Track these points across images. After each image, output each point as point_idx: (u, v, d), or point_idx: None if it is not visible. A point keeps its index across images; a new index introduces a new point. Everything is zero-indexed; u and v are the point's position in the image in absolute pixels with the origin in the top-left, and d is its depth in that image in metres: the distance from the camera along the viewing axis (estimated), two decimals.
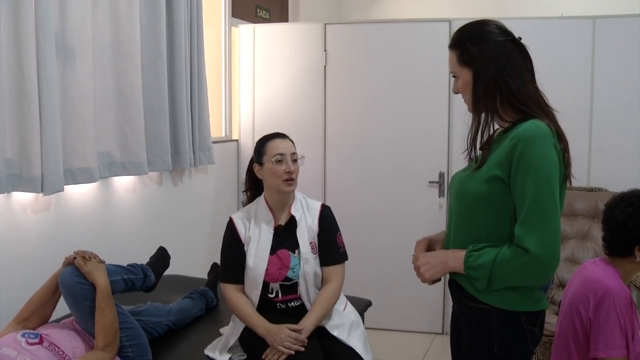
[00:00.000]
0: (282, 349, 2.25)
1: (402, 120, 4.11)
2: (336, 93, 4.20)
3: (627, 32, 3.87)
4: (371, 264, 4.18)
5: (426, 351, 3.82)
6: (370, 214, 4.20)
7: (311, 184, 4.20)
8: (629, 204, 2.16)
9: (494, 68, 1.67)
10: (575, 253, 3.54)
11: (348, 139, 4.21)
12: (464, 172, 1.79)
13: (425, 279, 1.76)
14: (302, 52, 4.22)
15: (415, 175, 4.11)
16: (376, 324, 4.03)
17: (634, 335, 2.11)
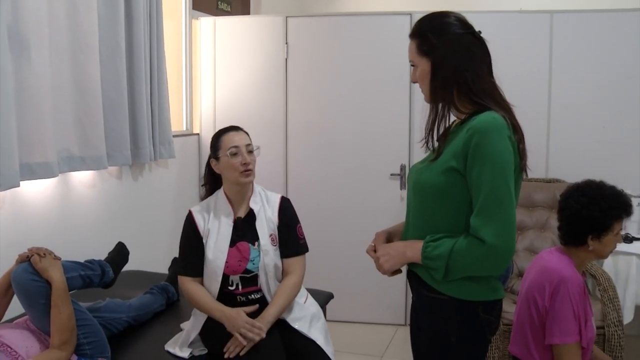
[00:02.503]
0: (238, 337, 2.24)
1: (363, 113, 4.13)
2: (297, 86, 4.19)
3: (584, 26, 3.95)
4: (333, 256, 4.19)
5: (389, 343, 3.85)
6: (333, 206, 4.21)
7: (273, 177, 4.20)
8: (582, 195, 2.20)
9: (453, 59, 1.68)
10: (534, 243, 3.61)
11: (310, 131, 4.21)
12: (421, 164, 1.81)
13: (385, 270, 1.77)
14: (264, 45, 4.20)
15: (376, 167, 4.13)
16: (338, 316, 4.05)
17: (586, 322, 2.17)
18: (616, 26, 3.93)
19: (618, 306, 3.03)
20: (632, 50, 3.91)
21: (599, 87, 3.96)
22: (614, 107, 3.96)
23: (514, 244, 1.60)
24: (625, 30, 3.91)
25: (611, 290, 3.08)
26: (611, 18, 3.93)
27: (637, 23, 3.90)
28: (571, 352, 2.11)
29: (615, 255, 3.42)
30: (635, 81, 3.92)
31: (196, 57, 4.28)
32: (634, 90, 3.93)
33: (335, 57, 4.14)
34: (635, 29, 3.90)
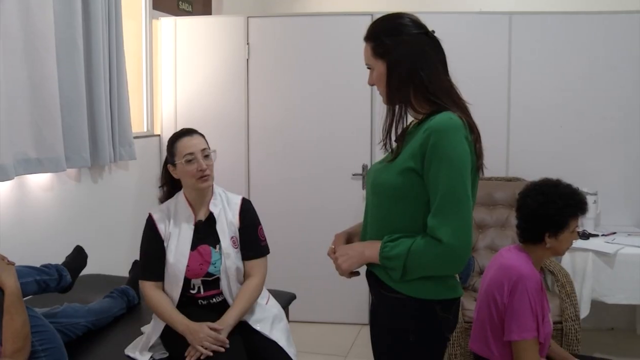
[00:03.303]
0: (200, 349, 2.22)
1: (325, 114, 4.14)
2: (259, 87, 4.18)
3: (541, 27, 4.02)
4: (296, 257, 4.19)
5: (352, 342, 3.86)
6: (295, 207, 4.21)
7: (234, 178, 4.18)
8: (540, 193, 2.24)
9: (408, 60, 1.69)
10: (495, 241, 3.66)
11: (271, 132, 4.19)
12: (379, 164, 1.81)
13: (343, 271, 1.78)
14: (225, 46, 4.17)
15: (339, 168, 4.14)
16: (302, 317, 4.05)
17: (543, 318, 2.21)
18: (574, 28, 4.01)
19: (575, 301, 3.09)
20: (589, 52, 4.00)
21: (557, 87, 4.04)
22: (571, 107, 4.04)
23: (471, 244, 1.61)
24: (582, 32, 4.00)
25: (569, 286, 3.14)
26: (569, 20, 4.01)
27: (593, 25, 3.99)
28: (529, 347, 2.14)
29: (572, 251, 3.49)
30: (592, 82, 4.01)
31: (157, 58, 4.23)
32: (591, 90, 4.02)
33: (297, 57, 4.14)
34: (592, 31, 3.99)
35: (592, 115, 4.04)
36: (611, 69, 4.00)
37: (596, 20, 4.00)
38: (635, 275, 3.42)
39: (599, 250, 3.46)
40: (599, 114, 4.03)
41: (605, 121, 4.04)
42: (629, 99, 4.01)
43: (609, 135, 4.05)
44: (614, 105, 4.02)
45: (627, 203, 4.09)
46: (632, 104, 4.01)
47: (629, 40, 3.98)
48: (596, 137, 4.05)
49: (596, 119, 4.04)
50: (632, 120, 4.02)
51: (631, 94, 4.01)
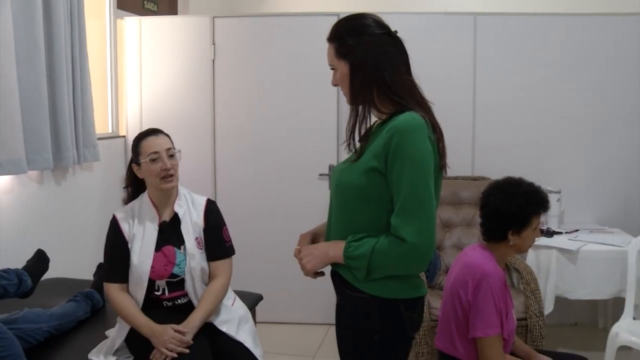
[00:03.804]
0: (165, 352, 2.20)
1: (292, 114, 4.13)
2: (225, 87, 4.16)
3: (506, 28, 4.07)
4: (263, 257, 4.18)
5: (321, 342, 3.86)
6: (262, 208, 4.19)
7: (201, 178, 4.15)
8: (502, 191, 2.27)
9: (370, 61, 1.69)
10: (462, 240, 3.70)
11: (238, 132, 4.18)
12: (343, 164, 1.81)
13: (307, 271, 1.78)
14: (190, 46, 4.14)
15: (305, 168, 4.14)
16: (269, 318, 4.04)
17: (507, 314, 2.23)
18: (537, 29, 4.07)
19: (539, 298, 3.14)
20: (552, 52, 4.07)
21: (522, 87, 4.10)
22: (536, 107, 4.11)
23: (434, 243, 1.62)
24: (545, 33, 4.07)
25: (533, 283, 3.19)
26: (532, 21, 4.08)
27: (556, 26, 4.06)
28: (493, 344, 2.16)
29: (537, 249, 3.55)
30: (555, 82, 4.08)
31: (122, 58, 4.18)
32: (554, 90, 4.09)
33: (263, 57, 4.12)
34: (554, 32, 4.06)
35: (556, 115, 4.11)
36: (573, 69, 4.07)
37: (559, 21, 4.07)
38: (597, 272, 3.49)
39: (562, 247, 3.52)
40: (562, 114, 4.11)
41: (568, 120, 4.11)
42: (591, 98, 4.09)
43: (572, 134, 4.12)
44: (577, 104, 4.10)
45: (590, 201, 4.17)
46: (594, 104, 4.10)
47: (590, 41, 4.06)
48: (560, 136, 4.12)
49: (560, 118, 4.11)
50: (594, 119, 4.11)
51: (593, 94, 4.09)
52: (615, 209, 4.16)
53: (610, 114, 4.11)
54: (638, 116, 4.11)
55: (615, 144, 4.13)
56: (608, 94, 4.09)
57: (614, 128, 4.11)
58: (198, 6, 5.11)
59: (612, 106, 4.10)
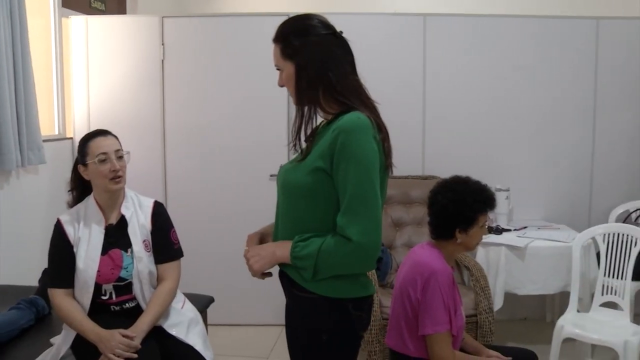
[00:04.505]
0: (113, 357, 2.15)
1: (243, 115, 4.10)
2: (175, 88, 4.10)
3: (455, 29, 4.13)
4: (214, 259, 4.14)
5: (274, 343, 3.84)
6: (214, 209, 4.15)
7: (151, 180, 4.08)
8: (450, 190, 2.30)
9: (316, 61, 1.70)
10: (412, 238, 3.73)
11: (189, 134, 4.13)
12: (289, 164, 1.81)
13: (255, 271, 1.77)
14: (139, 46, 4.07)
15: (256, 169, 4.11)
16: (221, 320, 4.01)
17: (456, 311, 2.26)
18: (486, 30, 4.15)
19: (489, 294, 3.19)
20: (501, 53, 4.15)
21: (471, 87, 4.16)
22: (484, 107, 4.18)
23: (380, 242, 1.63)
24: (494, 34, 4.14)
25: (483, 280, 3.24)
26: (481, 22, 4.15)
27: (505, 28, 4.14)
28: (442, 340, 2.19)
29: (486, 246, 3.61)
30: (503, 82, 4.16)
31: (68, 58, 4.08)
32: (502, 90, 4.17)
33: (213, 58, 4.08)
34: (503, 33, 4.14)
35: (505, 115, 4.19)
36: (521, 69, 4.16)
37: (507, 23, 4.15)
38: (544, 267, 3.57)
39: (510, 244, 3.59)
40: (510, 114, 4.19)
41: (517, 120, 4.20)
42: (538, 98, 4.19)
43: (520, 133, 4.21)
44: (525, 104, 4.19)
45: (538, 198, 4.27)
46: (542, 104, 4.20)
47: (539, 43, 4.15)
48: (509, 135, 4.21)
49: (508, 118, 4.19)
50: (542, 119, 4.21)
51: (541, 94, 4.19)
52: (562, 206, 4.28)
53: (557, 113, 4.21)
54: (584, 115, 4.23)
55: (562, 143, 4.24)
56: (555, 94, 4.20)
57: (561, 127, 4.22)
58: (147, 6, 5.03)
59: (559, 106, 4.21)
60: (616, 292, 3.27)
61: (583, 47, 4.18)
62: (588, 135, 4.24)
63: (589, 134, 4.24)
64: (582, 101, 4.22)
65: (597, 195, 4.29)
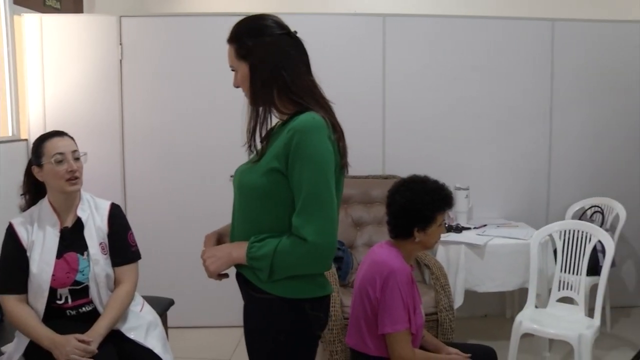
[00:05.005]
0: None
1: (202, 115, 4.07)
2: (134, 89, 4.04)
3: (415, 30, 4.17)
4: (175, 261, 4.08)
5: (236, 345, 3.82)
6: (174, 211, 4.10)
7: (109, 183, 4.01)
8: (408, 189, 2.32)
9: (270, 61, 1.69)
10: (373, 238, 3.75)
11: (149, 135, 4.07)
12: (245, 165, 1.81)
13: (211, 272, 1.75)
14: (96, 46, 4.00)
15: (216, 170, 4.08)
16: (182, 323, 3.98)
17: (415, 309, 2.28)
18: (445, 30, 4.19)
19: (449, 292, 3.22)
20: (460, 54, 4.20)
21: (430, 87, 4.20)
22: (444, 107, 4.23)
23: (335, 241, 1.63)
24: (453, 34, 4.19)
25: (443, 278, 3.27)
26: (440, 23, 4.19)
27: (464, 28, 4.19)
28: (401, 339, 2.20)
29: (446, 245, 3.65)
30: (462, 82, 4.21)
31: (21, 57, 3.99)
32: (461, 90, 4.22)
33: (173, 58, 4.04)
34: (462, 33, 4.19)
35: (464, 114, 4.24)
36: (481, 69, 4.22)
37: (467, 23, 4.21)
38: (503, 264, 3.63)
39: (470, 242, 3.64)
40: (469, 113, 4.25)
41: (476, 120, 4.26)
42: (497, 99, 4.26)
43: (480, 132, 4.27)
44: (484, 104, 4.25)
45: (497, 197, 4.34)
46: (500, 104, 4.26)
47: (498, 43, 4.22)
48: (468, 134, 4.26)
49: (467, 117, 4.25)
50: (501, 118, 4.27)
51: (499, 94, 4.26)
52: (521, 204, 4.35)
53: (515, 113, 4.29)
54: (542, 115, 4.31)
55: (521, 142, 4.31)
56: (513, 94, 4.27)
57: (519, 127, 4.30)
58: (105, 5, 4.95)
59: (517, 106, 4.28)
60: (572, 288, 3.34)
61: (539, 48, 4.26)
62: (545, 134, 4.33)
63: (546, 133, 4.33)
64: (539, 101, 4.30)
65: (554, 193, 4.38)
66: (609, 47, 4.32)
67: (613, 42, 4.32)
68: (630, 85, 4.37)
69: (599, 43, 4.31)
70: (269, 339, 1.70)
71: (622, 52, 4.33)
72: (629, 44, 4.34)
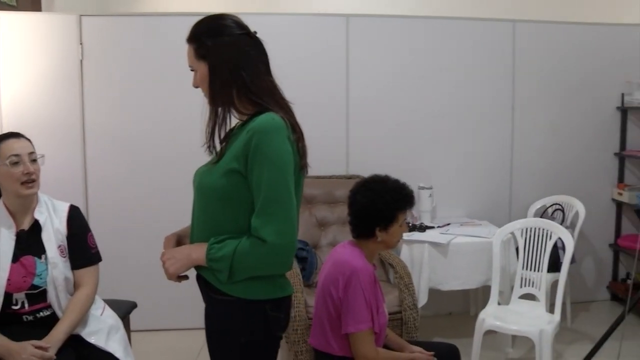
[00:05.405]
0: None
1: (166, 116, 4.02)
2: (96, 89, 3.97)
3: (378, 30, 4.19)
4: (138, 263, 4.03)
5: (200, 347, 3.78)
6: (137, 212, 4.05)
7: (70, 184, 3.93)
8: (369, 189, 2.33)
9: (229, 61, 1.69)
10: (337, 238, 3.76)
11: (111, 136, 4.00)
12: (205, 167, 1.80)
13: (170, 274, 1.73)
14: (55, 45, 3.92)
15: (180, 171, 4.01)
16: (146, 325, 3.94)
17: (378, 309, 2.29)
18: (408, 31, 4.22)
19: (413, 291, 3.24)
20: (423, 53, 4.23)
21: (394, 87, 4.23)
22: (408, 106, 4.26)
23: (295, 242, 1.63)
24: (416, 35, 4.23)
25: (407, 277, 3.29)
26: (403, 23, 4.22)
27: (426, 28, 4.23)
28: (364, 338, 2.21)
29: (410, 244, 3.68)
30: (426, 82, 4.25)
31: None
32: (425, 90, 4.26)
33: (135, 58, 3.98)
34: (424, 34, 4.23)
35: (427, 114, 4.28)
36: (443, 69, 4.27)
37: (429, 23, 4.24)
38: (466, 262, 3.67)
39: (434, 241, 3.67)
40: (432, 113, 4.29)
41: (439, 119, 4.30)
42: (459, 98, 4.30)
43: (443, 132, 4.32)
44: (447, 104, 4.30)
45: (460, 195, 4.39)
46: (463, 104, 4.31)
47: (460, 43, 4.27)
48: (432, 134, 4.30)
49: (431, 117, 4.29)
50: (463, 118, 4.32)
51: (461, 94, 4.31)
52: (484, 202, 4.41)
53: (478, 112, 4.34)
54: (504, 115, 4.37)
55: (484, 141, 4.37)
56: (476, 94, 4.32)
57: (482, 126, 4.35)
58: (64, 3, 4.85)
59: (480, 105, 4.34)
60: (534, 284, 3.39)
61: (501, 49, 4.33)
62: (507, 134, 4.39)
63: (508, 133, 4.39)
64: (502, 101, 4.36)
65: (516, 191, 4.45)
66: (568, 48, 4.41)
67: (572, 43, 4.41)
68: (589, 85, 4.46)
69: (559, 44, 4.40)
70: (230, 340, 1.69)
71: (581, 53, 4.42)
72: (588, 45, 4.43)
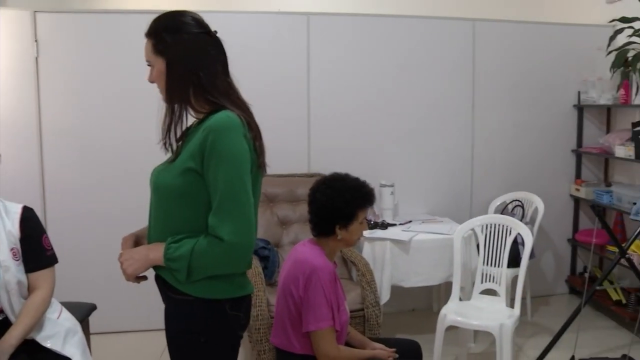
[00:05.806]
0: None
1: (124, 114, 3.97)
2: (53, 87, 3.89)
3: (338, 28, 4.20)
4: (97, 265, 3.96)
5: (163, 349, 3.74)
6: (96, 212, 3.98)
7: (26, 185, 3.84)
8: (328, 187, 2.33)
9: (187, 59, 1.67)
10: (299, 236, 3.75)
11: (68, 135, 3.93)
12: (162, 166, 1.78)
13: (128, 275, 1.71)
14: (9, 42, 3.82)
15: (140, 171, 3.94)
16: (106, 328, 3.88)
17: (339, 307, 2.29)
18: (368, 29, 4.24)
19: (375, 288, 3.26)
20: (384, 51, 4.26)
21: (355, 85, 4.25)
22: (369, 105, 4.28)
23: (253, 240, 1.62)
24: (376, 33, 4.25)
25: (369, 275, 3.30)
26: (364, 22, 4.24)
27: (387, 27, 4.25)
28: (326, 336, 2.21)
29: (372, 241, 3.69)
30: (387, 80, 4.28)
31: None
32: (386, 88, 4.29)
33: (93, 56, 3.91)
34: (385, 32, 4.25)
35: (388, 112, 4.31)
36: (405, 68, 4.30)
37: (390, 22, 4.27)
38: (428, 259, 3.71)
39: (395, 238, 3.69)
40: (393, 111, 4.32)
41: (400, 117, 4.33)
42: (420, 96, 4.34)
43: (404, 130, 4.35)
44: (408, 102, 4.33)
45: (422, 193, 4.43)
46: (424, 101, 4.36)
47: (422, 42, 4.31)
48: (393, 132, 4.33)
49: (392, 115, 4.32)
50: (424, 116, 4.37)
51: (422, 92, 4.35)
52: (445, 199, 4.45)
53: (439, 110, 4.39)
54: (464, 112, 4.43)
55: (444, 138, 4.41)
56: (437, 92, 4.37)
57: (442, 124, 4.40)
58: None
59: (440, 103, 4.39)
60: (494, 280, 3.44)
61: (461, 47, 4.38)
62: (467, 131, 4.45)
63: (469, 130, 4.45)
64: (462, 99, 4.42)
65: (477, 188, 4.51)
66: (527, 47, 4.48)
67: (531, 42, 4.49)
68: (547, 83, 4.55)
69: (518, 43, 4.47)
70: (190, 340, 1.68)
71: (539, 52, 4.50)
72: (546, 44, 4.51)
